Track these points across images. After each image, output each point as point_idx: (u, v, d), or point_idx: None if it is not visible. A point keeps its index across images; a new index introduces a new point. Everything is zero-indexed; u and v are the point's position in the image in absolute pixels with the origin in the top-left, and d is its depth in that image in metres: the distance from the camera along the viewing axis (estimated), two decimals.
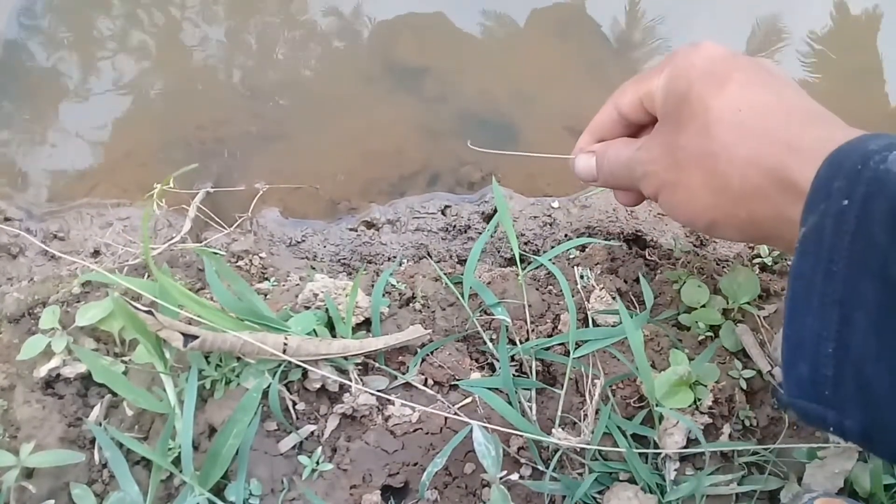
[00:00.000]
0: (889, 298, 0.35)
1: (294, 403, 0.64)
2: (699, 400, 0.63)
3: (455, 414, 0.65)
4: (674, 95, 0.52)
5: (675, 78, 0.52)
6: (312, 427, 0.64)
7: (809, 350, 0.39)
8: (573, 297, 0.69)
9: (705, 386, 0.64)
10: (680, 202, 0.52)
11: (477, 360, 0.70)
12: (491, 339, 0.69)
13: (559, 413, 0.65)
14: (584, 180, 0.65)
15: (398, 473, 0.63)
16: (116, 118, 0.94)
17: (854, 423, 0.38)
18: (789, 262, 0.79)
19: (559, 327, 0.69)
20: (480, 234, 0.88)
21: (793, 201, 0.42)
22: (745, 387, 0.65)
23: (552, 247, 0.84)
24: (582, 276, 0.73)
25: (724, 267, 0.77)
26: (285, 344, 0.62)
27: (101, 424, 0.64)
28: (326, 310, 0.67)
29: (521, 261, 0.73)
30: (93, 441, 0.64)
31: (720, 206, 0.49)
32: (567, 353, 0.67)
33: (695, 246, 0.82)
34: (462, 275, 0.75)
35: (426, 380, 0.67)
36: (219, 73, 0.97)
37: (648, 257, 0.78)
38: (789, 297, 0.41)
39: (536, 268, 0.74)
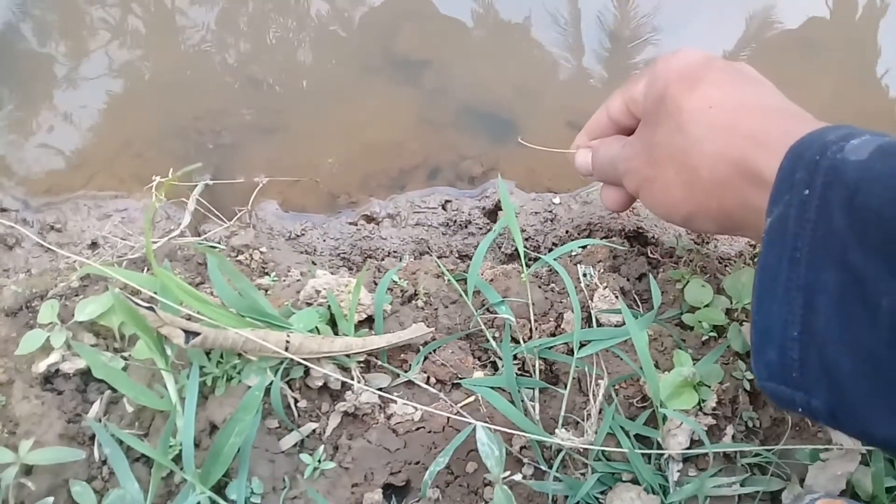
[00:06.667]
0: (849, 282, 0.37)
1: (296, 401, 0.64)
2: (703, 401, 0.63)
3: (457, 413, 0.64)
4: (652, 97, 0.56)
5: (653, 81, 0.56)
6: (314, 425, 0.64)
7: (777, 335, 0.41)
8: (576, 295, 0.69)
9: (709, 387, 0.64)
10: (658, 196, 0.55)
11: (479, 359, 0.69)
12: (494, 338, 0.69)
13: (562, 413, 0.64)
14: (581, 173, 0.69)
15: (400, 472, 0.63)
16: (113, 108, 0.93)
17: (821, 404, 0.39)
18: None
19: (562, 326, 0.69)
20: (481, 229, 0.88)
21: (759, 192, 0.45)
22: (748, 388, 0.65)
23: (553, 243, 0.84)
24: (585, 274, 0.72)
25: (726, 266, 0.77)
26: (287, 341, 0.61)
27: (100, 421, 0.64)
28: (329, 307, 0.66)
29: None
30: (92, 437, 0.64)
31: (693, 198, 0.52)
32: (570, 352, 0.67)
33: (696, 243, 0.82)
34: (464, 271, 0.75)
35: (428, 378, 0.67)
36: (217, 63, 0.96)
37: (651, 255, 0.78)
38: (757, 286, 0.43)
39: (540, 266, 0.74)
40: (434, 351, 0.68)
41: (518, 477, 0.63)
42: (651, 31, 1.01)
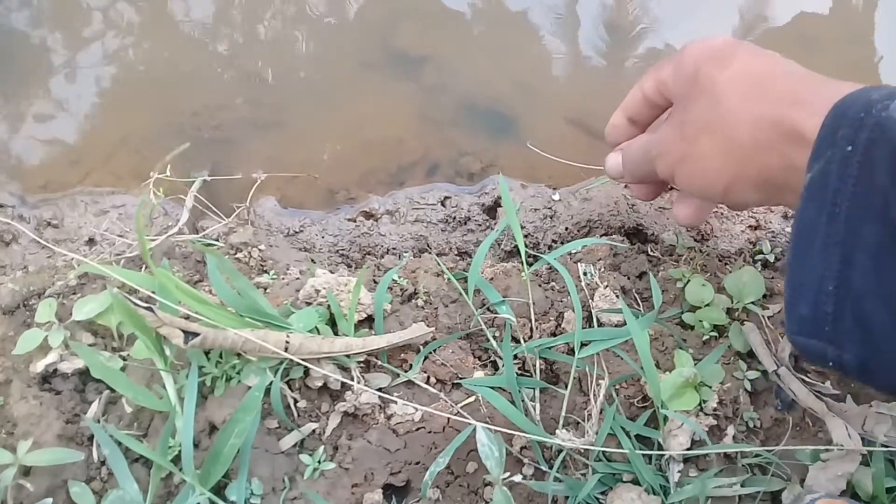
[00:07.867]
0: (888, 237, 0.38)
1: (295, 401, 0.64)
2: (704, 401, 0.63)
3: (458, 413, 0.64)
4: (682, 78, 0.56)
5: (682, 64, 0.56)
6: (314, 425, 0.64)
7: (811, 289, 0.42)
8: (577, 294, 0.69)
9: (710, 387, 0.63)
10: (694, 172, 0.55)
11: (479, 359, 0.69)
12: (494, 337, 0.68)
13: (563, 413, 0.64)
14: (613, 178, 0.69)
15: (400, 472, 0.63)
16: (111, 105, 0.92)
17: (852, 357, 0.41)
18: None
19: (563, 325, 0.69)
20: (480, 225, 0.87)
21: (800, 151, 0.46)
22: (749, 388, 0.65)
23: (552, 239, 0.84)
24: (585, 273, 0.72)
25: (726, 264, 0.77)
26: (287, 342, 0.61)
27: (99, 421, 0.63)
28: (328, 306, 0.66)
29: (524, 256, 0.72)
30: (91, 438, 0.63)
31: (732, 166, 0.52)
32: (571, 352, 0.67)
33: (696, 240, 0.82)
34: (463, 269, 0.75)
35: (429, 378, 0.67)
36: (214, 59, 0.95)
37: (651, 253, 0.78)
38: (793, 241, 0.44)
39: (540, 265, 0.73)
40: (434, 351, 0.67)
41: (518, 477, 0.62)
42: (651, 23, 1.00)
